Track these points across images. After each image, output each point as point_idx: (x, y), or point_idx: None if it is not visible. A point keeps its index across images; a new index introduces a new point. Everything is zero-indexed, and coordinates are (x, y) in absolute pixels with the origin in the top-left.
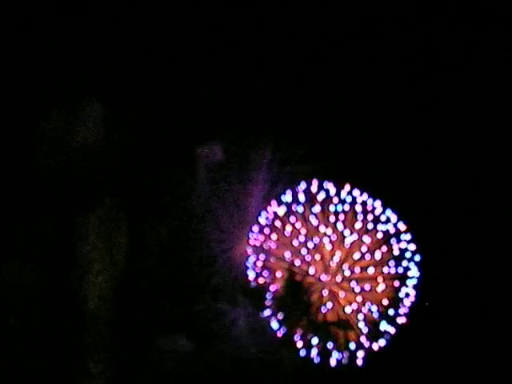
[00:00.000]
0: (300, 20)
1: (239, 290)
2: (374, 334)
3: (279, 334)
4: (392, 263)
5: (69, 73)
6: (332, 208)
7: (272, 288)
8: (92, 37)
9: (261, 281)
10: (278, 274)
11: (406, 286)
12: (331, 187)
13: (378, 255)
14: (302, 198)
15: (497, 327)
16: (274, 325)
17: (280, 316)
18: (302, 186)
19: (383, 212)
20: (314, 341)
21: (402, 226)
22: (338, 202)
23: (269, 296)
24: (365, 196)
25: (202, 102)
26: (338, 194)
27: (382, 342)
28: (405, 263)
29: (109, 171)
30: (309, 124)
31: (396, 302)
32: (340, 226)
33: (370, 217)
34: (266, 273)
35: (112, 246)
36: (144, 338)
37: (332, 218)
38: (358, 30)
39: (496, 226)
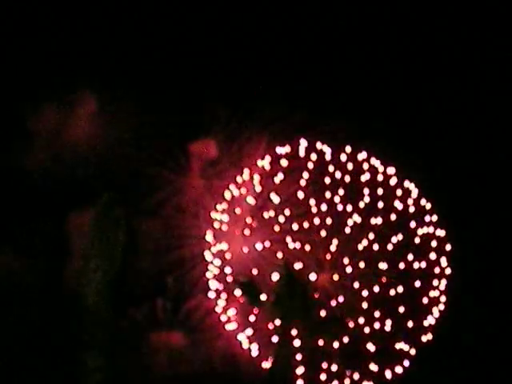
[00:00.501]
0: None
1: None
2: (387, 357)
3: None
4: (411, 256)
5: (62, 70)
6: (327, 179)
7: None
8: (91, 36)
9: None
10: (254, 271)
11: (433, 289)
12: (326, 149)
13: (391, 244)
14: (284, 163)
15: None
16: (244, 341)
17: (249, 332)
18: (286, 147)
19: (400, 183)
20: (300, 370)
21: (425, 204)
22: (336, 170)
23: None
24: (373, 161)
25: (198, 100)
26: (335, 158)
27: (398, 369)
28: (431, 256)
29: (106, 168)
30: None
31: (418, 310)
32: (338, 202)
33: (380, 191)
34: (229, 269)
35: (109, 242)
36: (140, 333)
37: (327, 193)
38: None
39: None
